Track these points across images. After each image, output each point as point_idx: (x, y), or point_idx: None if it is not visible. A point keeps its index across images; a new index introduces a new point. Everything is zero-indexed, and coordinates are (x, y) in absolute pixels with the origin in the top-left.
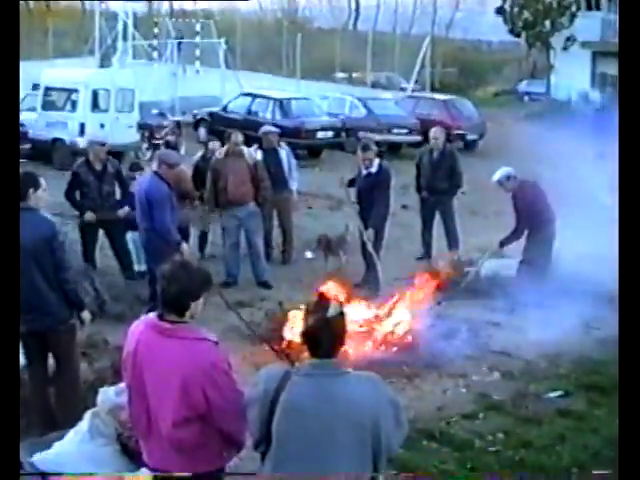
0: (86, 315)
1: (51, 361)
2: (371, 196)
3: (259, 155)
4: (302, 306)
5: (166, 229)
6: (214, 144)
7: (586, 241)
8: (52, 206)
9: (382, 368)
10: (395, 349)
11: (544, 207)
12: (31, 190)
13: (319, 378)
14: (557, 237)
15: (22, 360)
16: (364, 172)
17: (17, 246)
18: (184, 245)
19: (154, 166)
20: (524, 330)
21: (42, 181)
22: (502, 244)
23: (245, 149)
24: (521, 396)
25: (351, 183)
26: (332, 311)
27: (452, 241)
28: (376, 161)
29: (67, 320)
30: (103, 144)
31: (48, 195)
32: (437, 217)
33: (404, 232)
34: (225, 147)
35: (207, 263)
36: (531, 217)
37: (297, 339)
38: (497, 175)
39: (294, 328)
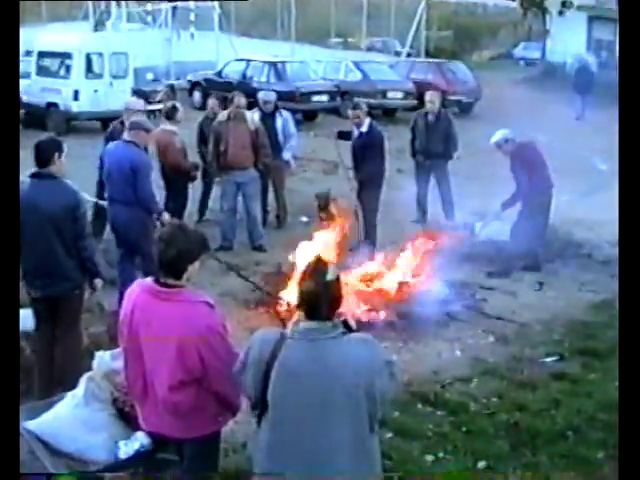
0: (98, 282)
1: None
2: (364, 156)
3: (256, 117)
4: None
5: (150, 199)
6: (213, 101)
7: (581, 205)
8: None
9: (377, 331)
10: (390, 312)
11: (542, 169)
12: (56, 155)
13: (314, 341)
14: (553, 202)
15: (31, 324)
16: (356, 133)
17: (17, 215)
18: (165, 215)
19: (125, 135)
20: (519, 294)
21: (65, 146)
22: (504, 207)
23: (248, 113)
24: (516, 360)
25: (340, 135)
26: (330, 275)
27: (447, 205)
28: (366, 120)
29: (81, 286)
30: (141, 110)
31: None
32: (432, 181)
33: (399, 195)
34: (228, 110)
35: (203, 227)
36: (530, 179)
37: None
38: (495, 137)
39: (292, 291)
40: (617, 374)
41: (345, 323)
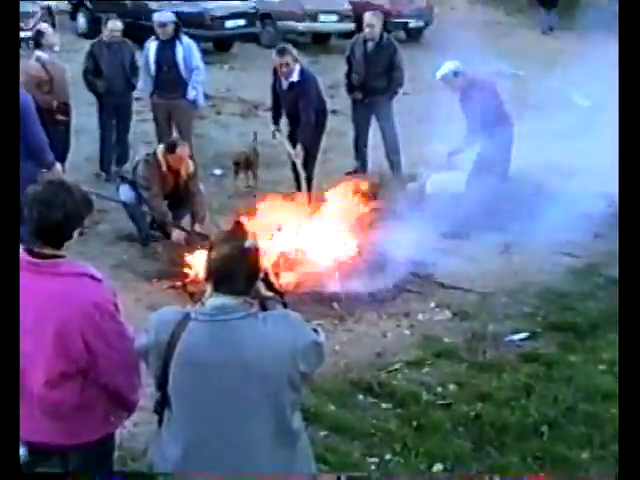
0: None
1: None
2: (299, 108)
3: (154, 47)
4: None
5: (42, 146)
6: (114, 23)
7: (557, 150)
8: None
9: (306, 307)
10: (322, 284)
11: (498, 109)
12: None
13: (222, 322)
14: (522, 145)
15: None
16: (284, 84)
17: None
18: (58, 166)
19: None
20: (480, 259)
21: None
22: (451, 155)
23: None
24: (477, 339)
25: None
26: (249, 242)
27: (391, 152)
28: (296, 67)
29: None
30: None
31: None
32: (373, 123)
33: (333, 142)
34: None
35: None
36: (483, 121)
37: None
38: (442, 70)
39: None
40: (602, 355)
41: (265, 279)
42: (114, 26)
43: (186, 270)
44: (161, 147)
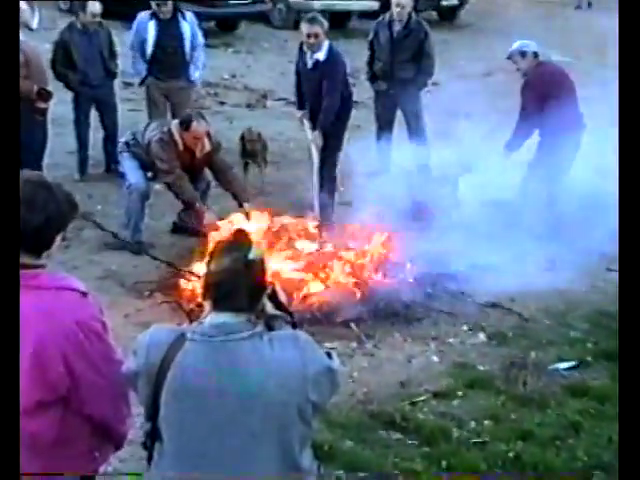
0: None
1: None
2: (321, 91)
3: (153, 26)
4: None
5: None
6: (94, 5)
7: (611, 149)
8: None
9: (322, 328)
10: (340, 302)
11: (568, 102)
12: None
13: (222, 344)
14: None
15: None
16: (309, 62)
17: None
18: None
19: None
20: (521, 275)
21: None
22: (510, 147)
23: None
24: (517, 367)
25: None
26: (254, 254)
27: (419, 150)
28: (325, 43)
29: None
30: None
31: None
32: (399, 117)
33: (353, 137)
34: None
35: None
36: (546, 113)
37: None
38: (511, 49)
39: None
40: None
41: (272, 296)
42: (94, 9)
43: (183, 283)
44: (175, 123)
